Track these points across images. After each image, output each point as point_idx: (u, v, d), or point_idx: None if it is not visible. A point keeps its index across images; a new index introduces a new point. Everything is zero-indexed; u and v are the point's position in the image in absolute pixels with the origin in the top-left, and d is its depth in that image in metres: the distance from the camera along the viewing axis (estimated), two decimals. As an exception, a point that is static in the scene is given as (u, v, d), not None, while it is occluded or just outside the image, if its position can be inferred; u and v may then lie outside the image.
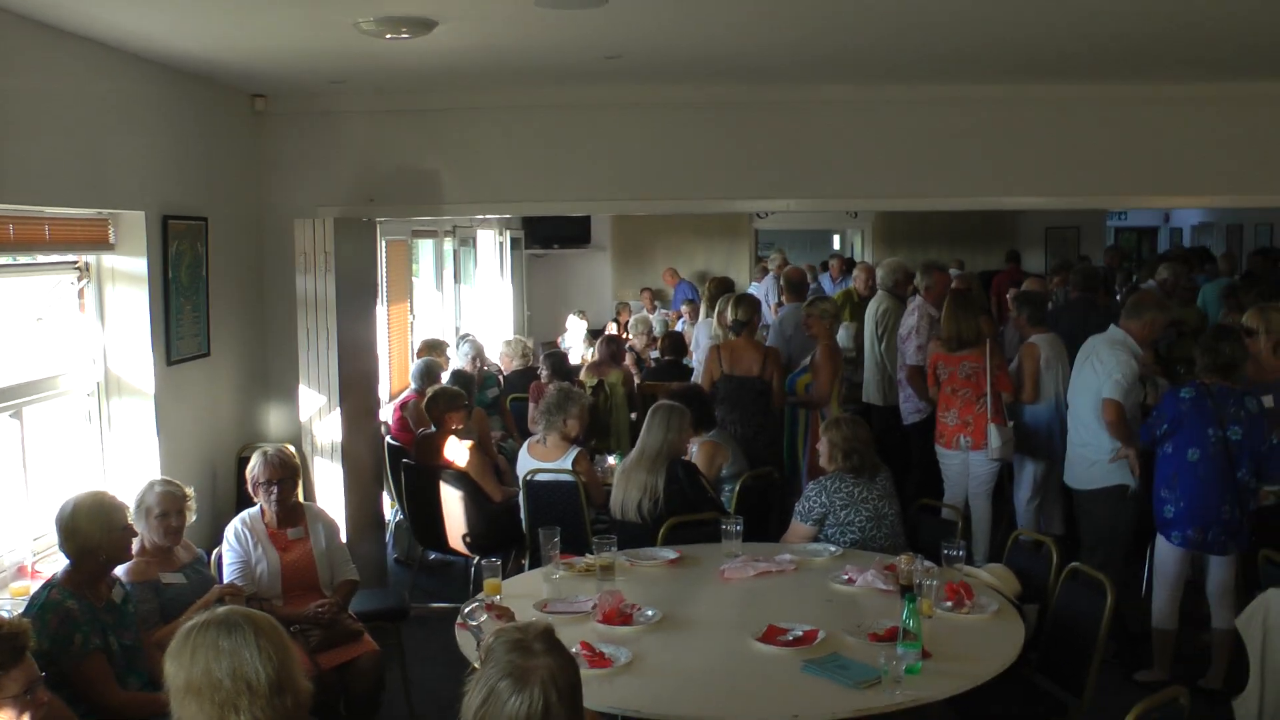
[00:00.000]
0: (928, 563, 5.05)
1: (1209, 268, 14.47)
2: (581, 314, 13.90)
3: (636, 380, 10.07)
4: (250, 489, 5.64)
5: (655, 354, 11.52)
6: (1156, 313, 6.92)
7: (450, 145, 7.64)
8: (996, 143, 7.59)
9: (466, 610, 4.44)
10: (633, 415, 9.21)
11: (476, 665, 2.92)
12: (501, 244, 15.22)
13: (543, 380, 9.24)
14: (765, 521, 6.63)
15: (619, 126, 7.64)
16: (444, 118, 7.62)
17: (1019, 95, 7.48)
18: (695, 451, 6.83)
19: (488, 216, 13.53)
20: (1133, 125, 7.54)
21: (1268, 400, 6.68)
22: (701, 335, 10.08)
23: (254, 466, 5.60)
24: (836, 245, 20.24)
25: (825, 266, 17.62)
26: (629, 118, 7.61)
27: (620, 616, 4.71)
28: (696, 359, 9.91)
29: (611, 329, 13.70)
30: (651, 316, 13.93)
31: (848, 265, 16.86)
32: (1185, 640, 6.54)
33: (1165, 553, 6.31)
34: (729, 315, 8.54)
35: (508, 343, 10.87)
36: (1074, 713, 4.80)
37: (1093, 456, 6.80)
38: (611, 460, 7.76)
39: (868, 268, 11.85)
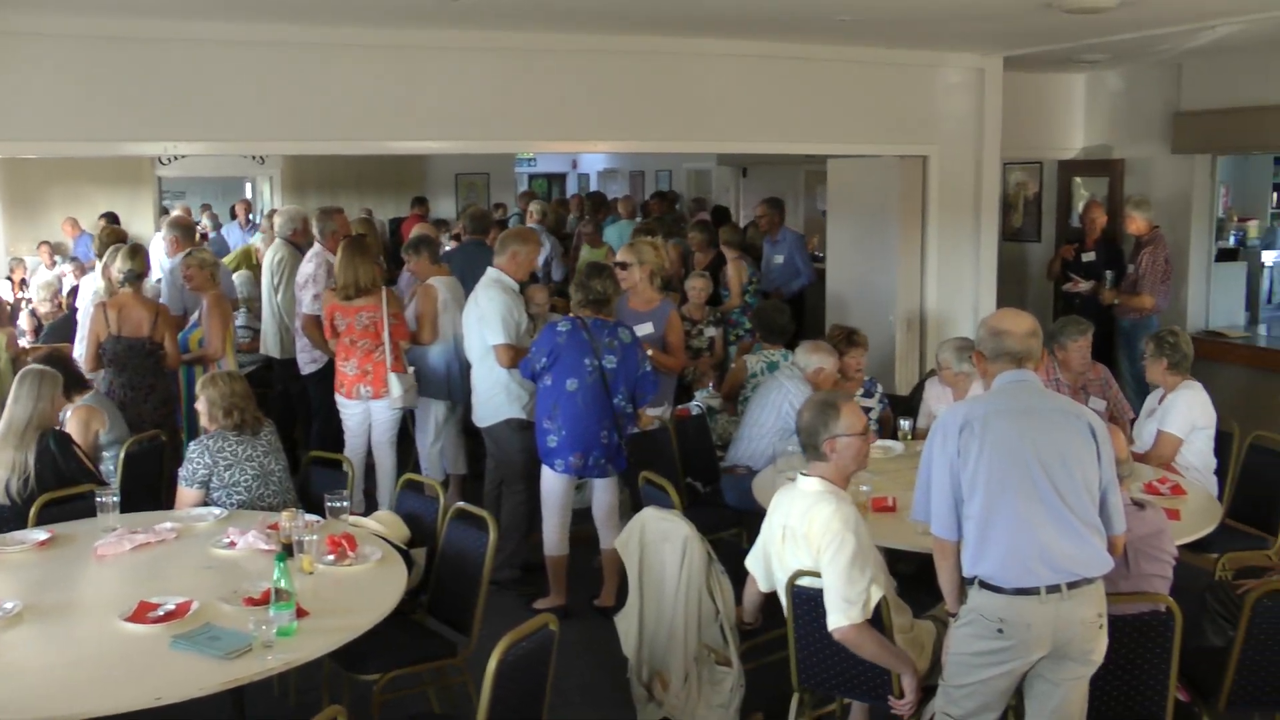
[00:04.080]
0: (311, 517, 4.96)
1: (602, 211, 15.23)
2: (-36, 272, 12.57)
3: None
4: None
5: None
6: (517, 245, 7.11)
7: None
8: (399, 87, 7.61)
9: None
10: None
11: None
12: None
13: (-85, 347, 8.26)
14: (157, 489, 6.28)
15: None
16: None
17: (419, 41, 7.55)
18: (68, 418, 6.33)
19: None
20: (532, 73, 7.86)
21: (647, 327, 7.15)
22: (87, 290, 9.35)
23: None
24: (248, 193, 19.47)
25: (233, 214, 17.04)
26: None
27: (-27, 614, 4.25)
28: (81, 316, 9.20)
29: (4, 289, 12.50)
30: (50, 273, 12.84)
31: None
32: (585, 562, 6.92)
33: (551, 482, 6.57)
34: (116, 266, 7.96)
35: None
36: (465, 650, 4.90)
37: (486, 393, 6.99)
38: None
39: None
